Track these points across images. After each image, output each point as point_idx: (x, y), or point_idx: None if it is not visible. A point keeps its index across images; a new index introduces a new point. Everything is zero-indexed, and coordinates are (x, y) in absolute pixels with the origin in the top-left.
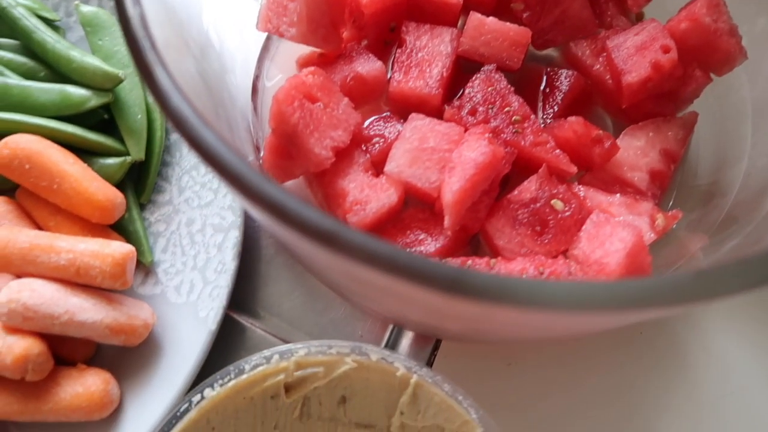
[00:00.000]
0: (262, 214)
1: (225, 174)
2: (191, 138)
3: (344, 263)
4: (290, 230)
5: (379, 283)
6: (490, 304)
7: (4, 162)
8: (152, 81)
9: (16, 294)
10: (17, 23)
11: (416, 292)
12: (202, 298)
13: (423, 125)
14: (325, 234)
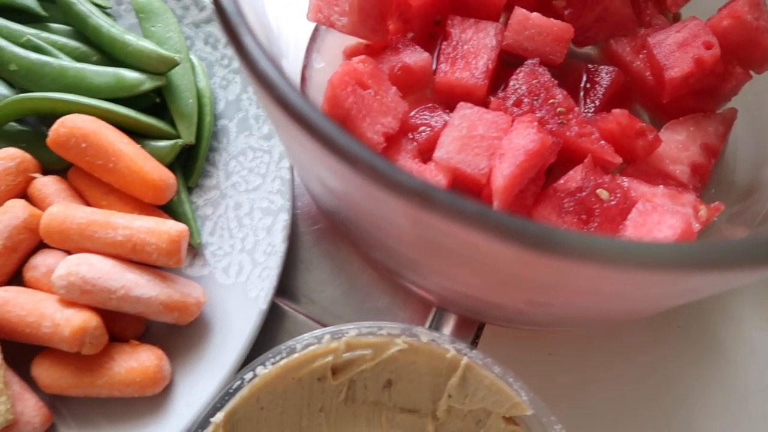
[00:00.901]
0: (353, 177)
1: (317, 135)
2: (283, 101)
3: (433, 226)
4: (385, 191)
5: (462, 248)
6: (578, 261)
7: (61, 140)
8: (242, 46)
9: (75, 267)
10: (72, 8)
11: (505, 251)
12: (252, 279)
13: (472, 113)
14: (423, 193)
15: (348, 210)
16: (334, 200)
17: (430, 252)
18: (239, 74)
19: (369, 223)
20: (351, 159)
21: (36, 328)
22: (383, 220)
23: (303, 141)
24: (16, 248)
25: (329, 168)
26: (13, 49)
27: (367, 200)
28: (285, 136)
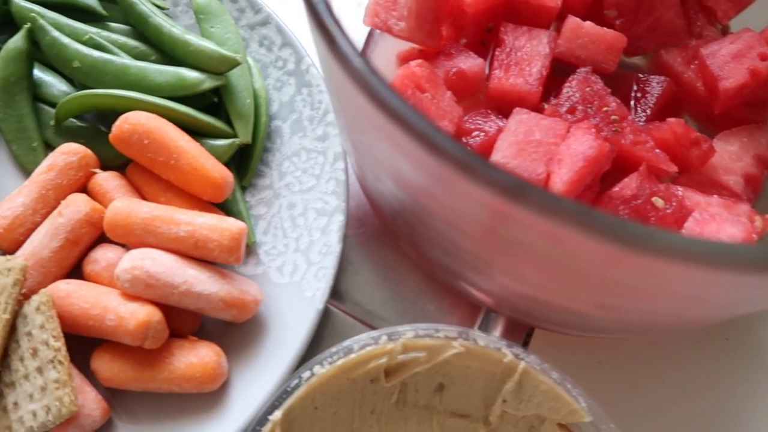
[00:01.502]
0: (443, 172)
1: (410, 128)
2: (378, 96)
3: (522, 224)
4: (477, 186)
5: (548, 247)
6: (680, 262)
7: (124, 137)
8: (335, 43)
9: (139, 261)
10: (134, 8)
11: (601, 250)
12: (307, 278)
13: (528, 119)
14: (520, 188)
15: (420, 207)
16: (405, 197)
17: (508, 251)
18: (293, 76)
19: (442, 221)
20: (444, 153)
21: (99, 320)
22: (462, 217)
23: (391, 134)
24: (78, 242)
25: (415, 162)
26: (77, 47)
27: (449, 196)
28: (366, 130)
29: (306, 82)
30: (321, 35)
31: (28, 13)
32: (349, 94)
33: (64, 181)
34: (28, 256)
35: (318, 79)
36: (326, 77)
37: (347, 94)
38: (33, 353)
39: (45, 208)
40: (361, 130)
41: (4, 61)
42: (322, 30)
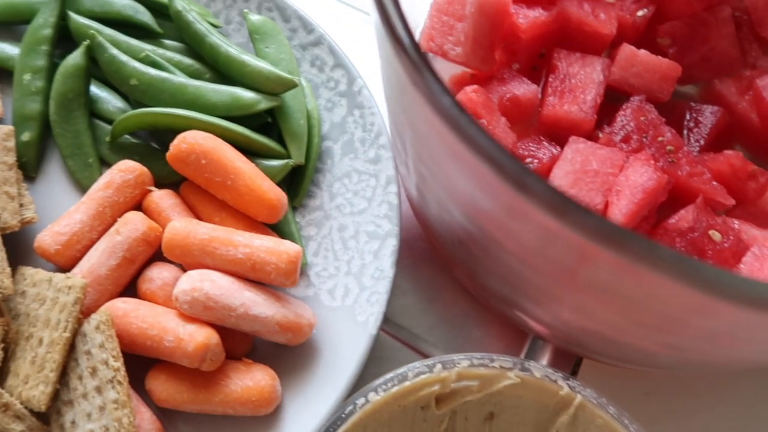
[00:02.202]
0: (525, 209)
1: (499, 169)
2: (469, 136)
3: (604, 264)
4: (566, 227)
5: (628, 288)
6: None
7: (182, 156)
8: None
9: (198, 283)
10: (191, 27)
11: (690, 295)
12: (360, 303)
13: (585, 148)
14: (616, 235)
15: (490, 240)
16: (474, 229)
17: (585, 291)
18: (345, 97)
19: (514, 256)
20: (534, 194)
21: (158, 341)
22: (539, 255)
23: (477, 172)
24: (134, 260)
25: (498, 200)
26: (134, 65)
27: (530, 234)
28: (442, 162)
29: (358, 103)
30: (406, 68)
31: (87, 29)
32: (431, 128)
33: (120, 199)
34: (85, 274)
35: (370, 101)
36: (399, 106)
37: (428, 127)
38: (92, 372)
39: (102, 225)
40: (436, 161)
41: (63, 77)
42: (409, 63)
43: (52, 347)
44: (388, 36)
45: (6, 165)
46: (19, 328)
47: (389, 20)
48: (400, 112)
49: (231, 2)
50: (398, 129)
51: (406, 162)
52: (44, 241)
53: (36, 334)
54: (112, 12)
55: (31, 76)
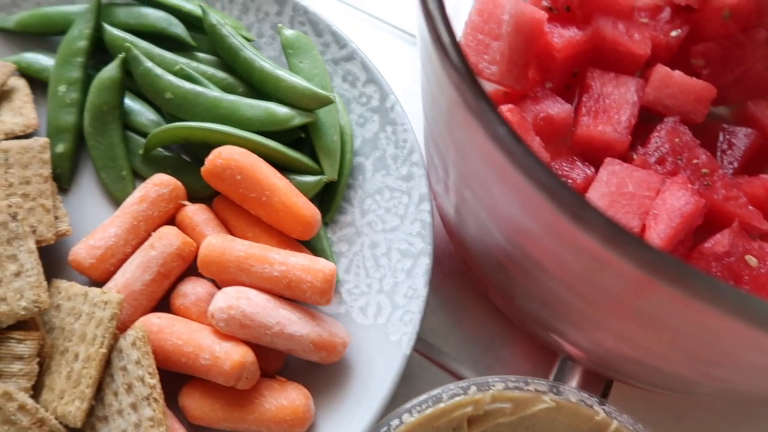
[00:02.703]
0: (582, 242)
1: (556, 201)
2: (528, 167)
3: (670, 301)
4: (624, 261)
5: (681, 323)
6: None
7: (217, 171)
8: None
9: (235, 301)
10: (225, 41)
11: (752, 334)
12: (392, 321)
13: (621, 170)
14: (677, 271)
15: (535, 266)
16: (517, 253)
17: (635, 320)
18: (377, 113)
19: (560, 283)
20: (593, 226)
21: (193, 358)
22: (589, 285)
23: (531, 200)
24: (168, 275)
25: (553, 230)
26: (169, 78)
27: (581, 264)
28: (491, 186)
29: (390, 120)
30: (460, 94)
31: (122, 42)
32: (483, 154)
33: (155, 213)
34: (120, 288)
35: (403, 118)
36: (444, 129)
37: (480, 153)
38: (128, 388)
39: (136, 239)
40: (484, 186)
41: (98, 89)
42: (465, 90)
43: (88, 363)
44: (441, 61)
45: (41, 177)
46: (54, 342)
47: (443, 46)
48: (446, 134)
49: (263, 16)
50: (439, 150)
51: (445, 183)
52: (79, 255)
53: (71, 348)
54: (147, 24)
55: (66, 88)
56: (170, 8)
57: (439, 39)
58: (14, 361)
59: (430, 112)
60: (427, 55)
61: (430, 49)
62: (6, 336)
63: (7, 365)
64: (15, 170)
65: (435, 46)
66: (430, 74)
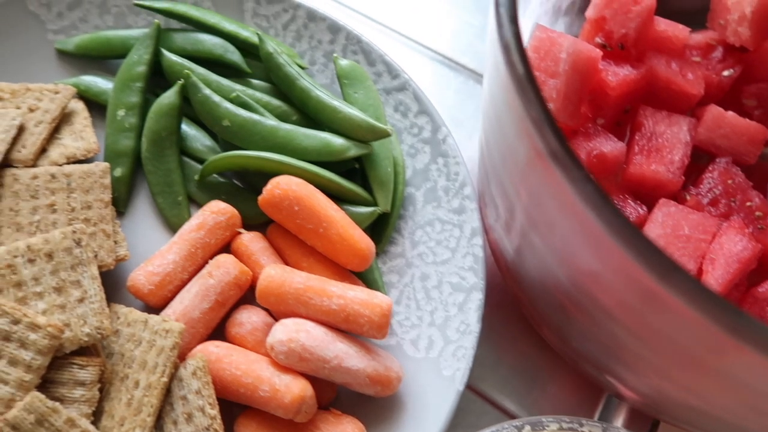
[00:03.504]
0: (660, 296)
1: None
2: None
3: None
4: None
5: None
6: None
7: (275, 201)
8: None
9: (294, 334)
10: (281, 69)
11: None
12: (445, 356)
13: (676, 212)
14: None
15: (599, 308)
16: (579, 295)
17: (706, 375)
18: (429, 144)
19: (627, 330)
20: (671, 281)
21: (252, 390)
22: (662, 338)
23: (602, 242)
24: (225, 303)
25: (626, 276)
26: (227, 106)
27: (659, 316)
28: (562, 227)
29: (442, 151)
30: (545, 147)
31: (181, 68)
32: (563, 207)
33: (212, 240)
34: (179, 316)
35: (455, 151)
36: (515, 173)
37: (560, 206)
38: (187, 418)
39: (193, 266)
40: (559, 234)
41: (156, 115)
42: (553, 144)
43: (149, 391)
44: (527, 114)
45: (102, 202)
46: (114, 368)
47: (529, 99)
48: (518, 179)
49: (316, 44)
50: (505, 192)
51: (507, 223)
52: (138, 281)
53: (132, 375)
54: (204, 51)
55: (124, 113)
56: (226, 35)
57: (525, 91)
58: (76, 386)
59: (498, 154)
60: (507, 103)
61: (512, 99)
62: (68, 361)
63: (70, 391)
64: (77, 195)
65: (520, 98)
66: (505, 121)
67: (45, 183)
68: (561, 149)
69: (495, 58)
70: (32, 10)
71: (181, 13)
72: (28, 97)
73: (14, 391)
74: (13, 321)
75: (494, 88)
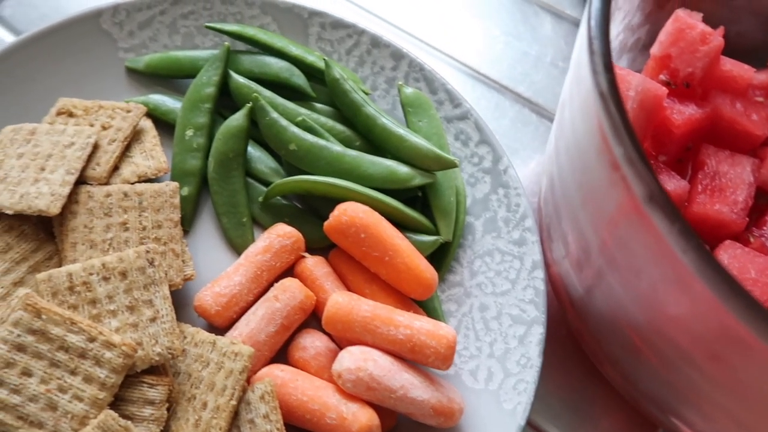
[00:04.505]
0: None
1: (752, 324)
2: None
3: None
4: None
5: None
6: None
7: (341, 227)
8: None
9: (362, 363)
10: (347, 96)
11: None
12: (505, 389)
13: (742, 255)
14: None
15: (681, 355)
16: (659, 339)
17: None
18: (489, 174)
19: (705, 374)
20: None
21: (319, 416)
22: (745, 383)
23: (704, 300)
24: (290, 327)
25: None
26: (294, 130)
27: (753, 370)
28: (655, 280)
29: (503, 182)
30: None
31: (249, 91)
32: (655, 249)
33: (277, 264)
34: (245, 339)
35: (516, 182)
36: (606, 219)
37: (651, 247)
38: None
39: (258, 288)
40: (642, 275)
41: (224, 136)
42: (658, 197)
43: (218, 413)
44: (625, 161)
45: (172, 222)
46: (180, 388)
47: (626, 148)
48: (600, 223)
49: (379, 69)
50: (581, 232)
51: (579, 262)
52: (205, 301)
53: (199, 396)
54: (270, 74)
55: (192, 133)
56: (293, 59)
57: (622, 140)
58: (145, 405)
59: (578, 196)
60: (598, 149)
61: (604, 147)
62: (138, 380)
63: (139, 409)
64: (148, 214)
65: (618, 147)
66: (593, 166)
67: (118, 201)
68: (661, 198)
69: (586, 103)
70: (105, 29)
71: (250, 36)
72: (101, 115)
73: (88, 408)
74: (89, 338)
75: (582, 134)
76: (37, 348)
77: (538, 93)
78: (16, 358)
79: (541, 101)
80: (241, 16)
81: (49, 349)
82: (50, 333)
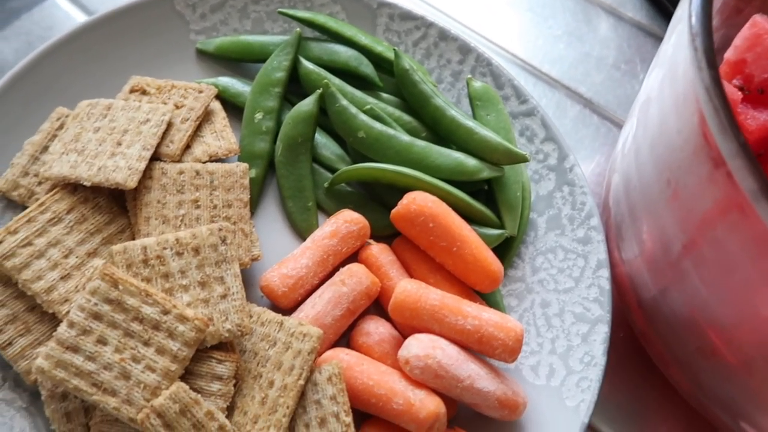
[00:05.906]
0: None
1: None
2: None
3: None
4: None
5: None
6: None
7: (410, 216)
8: None
9: (431, 350)
10: (416, 87)
11: None
12: (568, 386)
13: None
14: None
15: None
16: (743, 336)
17: None
18: (554, 172)
19: None
20: None
21: (385, 401)
22: None
23: None
24: (355, 312)
25: None
26: (363, 118)
27: None
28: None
29: (568, 180)
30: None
31: (319, 78)
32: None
33: (343, 249)
34: (311, 321)
35: (582, 180)
36: (698, 222)
37: (753, 246)
38: (320, 422)
39: (323, 271)
40: (732, 271)
41: (294, 121)
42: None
43: (285, 392)
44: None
45: (242, 202)
46: (246, 365)
47: (732, 146)
48: (690, 223)
49: (445, 62)
50: (663, 231)
51: (656, 261)
52: (272, 282)
53: (265, 374)
54: (339, 62)
55: (262, 116)
56: (361, 48)
57: (728, 138)
58: (213, 380)
59: (664, 196)
60: (696, 148)
61: (704, 146)
62: (207, 355)
63: (207, 384)
64: (219, 193)
65: (723, 146)
66: (687, 166)
67: (190, 179)
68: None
69: (684, 101)
70: (179, 10)
71: (321, 23)
72: (174, 94)
73: (160, 379)
74: (163, 311)
75: (674, 132)
76: (113, 317)
77: (599, 94)
78: (93, 326)
79: (602, 102)
80: (311, 4)
81: (124, 319)
82: (126, 303)
